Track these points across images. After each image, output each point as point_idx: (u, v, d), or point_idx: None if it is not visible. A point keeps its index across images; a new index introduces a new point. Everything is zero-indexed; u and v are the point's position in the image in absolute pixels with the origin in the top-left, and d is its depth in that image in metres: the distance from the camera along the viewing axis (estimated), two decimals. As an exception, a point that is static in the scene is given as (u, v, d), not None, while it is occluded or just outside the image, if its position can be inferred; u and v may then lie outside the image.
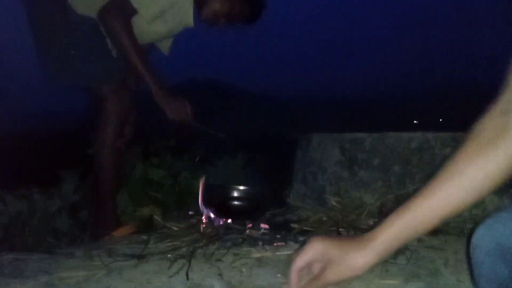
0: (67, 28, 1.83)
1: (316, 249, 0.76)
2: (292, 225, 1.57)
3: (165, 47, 2.13)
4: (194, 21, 1.96)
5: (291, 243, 1.41)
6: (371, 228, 0.85)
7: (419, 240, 1.44)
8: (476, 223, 1.55)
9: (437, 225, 0.73)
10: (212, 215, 1.67)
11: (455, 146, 1.66)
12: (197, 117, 1.87)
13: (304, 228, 1.54)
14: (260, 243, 1.41)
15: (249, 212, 1.70)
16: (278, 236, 1.48)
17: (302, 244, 1.39)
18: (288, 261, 1.25)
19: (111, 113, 1.87)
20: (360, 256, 0.73)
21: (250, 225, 1.58)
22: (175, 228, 1.64)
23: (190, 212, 1.85)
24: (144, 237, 1.58)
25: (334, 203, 1.78)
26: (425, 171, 1.62)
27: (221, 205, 1.70)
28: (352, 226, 1.52)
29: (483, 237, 0.70)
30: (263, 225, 1.57)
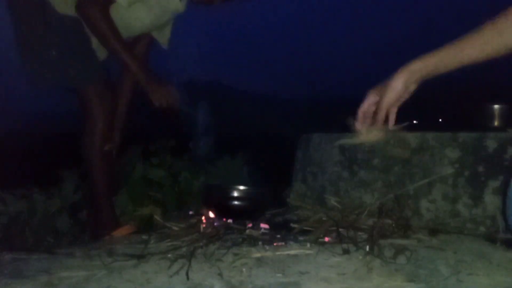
0: (48, 28, 1.79)
1: (372, 93, 1.12)
2: (292, 225, 1.57)
3: (163, 39, 2.08)
4: (184, 6, 1.89)
5: (291, 243, 1.41)
6: (371, 228, 0.87)
7: (419, 240, 1.44)
8: (476, 223, 1.56)
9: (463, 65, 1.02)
10: (212, 215, 1.67)
11: (455, 146, 1.66)
12: (185, 102, 1.84)
13: (304, 228, 1.54)
14: (260, 243, 1.41)
15: (249, 212, 1.70)
16: (278, 236, 1.48)
17: (302, 244, 1.40)
18: (288, 261, 1.26)
19: (96, 116, 1.84)
20: (396, 75, 1.07)
21: (250, 225, 1.58)
22: (175, 228, 1.64)
23: (190, 212, 1.85)
24: (144, 237, 1.58)
25: (334, 203, 1.78)
26: (425, 171, 1.62)
27: (221, 205, 1.70)
28: (352, 226, 1.52)
29: None
30: (263, 225, 1.57)
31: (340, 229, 1.49)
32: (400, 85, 1.07)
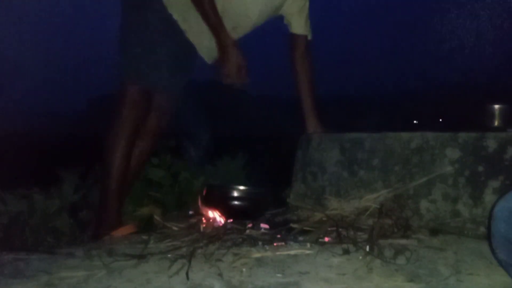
0: (151, 27, 1.84)
1: None
2: (292, 225, 1.57)
3: (209, 54, 2.05)
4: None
5: (291, 243, 1.41)
6: (371, 228, 0.87)
7: (419, 240, 1.44)
8: (476, 223, 1.56)
9: None
10: (212, 215, 1.68)
11: (455, 146, 1.66)
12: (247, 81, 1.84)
13: (304, 228, 1.54)
14: (260, 243, 1.41)
15: (249, 212, 1.70)
16: (278, 236, 1.48)
17: (302, 244, 1.40)
18: (288, 261, 1.26)
19: (123, 118, 1.85)
20: None
21: (250, 225, 1.58)
22: (175, 228, 1.64)
23: (190, 212, 1.85)
24: (144, 237, 1.58)
25: (334, 203, 1.78)
26: (425, 171, 1.62)
27: (221, 205, 1.70)
28: (352, 226, 1.52)
29: (499, 207, 0.99)
30: (263, 225, 1.57)
31: (340, 229, 1.49)
32: None
